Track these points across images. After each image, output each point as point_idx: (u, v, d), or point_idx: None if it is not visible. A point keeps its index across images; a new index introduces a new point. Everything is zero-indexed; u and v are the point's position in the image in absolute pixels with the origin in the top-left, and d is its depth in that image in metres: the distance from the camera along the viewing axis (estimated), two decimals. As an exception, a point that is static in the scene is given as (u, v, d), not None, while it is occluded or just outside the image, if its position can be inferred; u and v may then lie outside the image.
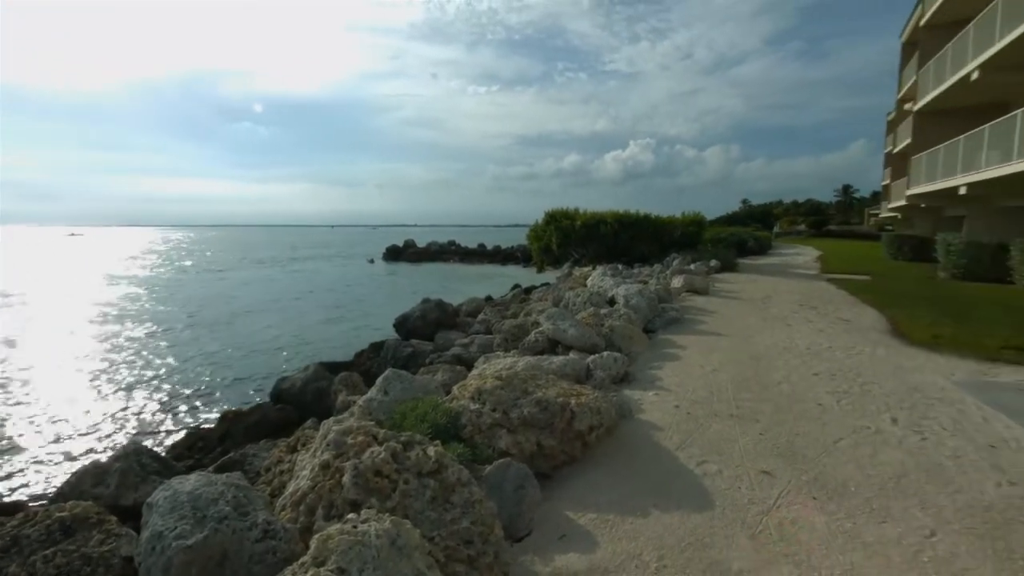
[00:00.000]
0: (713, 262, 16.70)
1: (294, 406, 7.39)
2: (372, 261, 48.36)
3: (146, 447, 4.55)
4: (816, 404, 4.55)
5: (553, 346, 6.23)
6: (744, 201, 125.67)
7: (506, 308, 12.60)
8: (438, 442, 2.76)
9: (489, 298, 16.62)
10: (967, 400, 4.66)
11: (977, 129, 13.13)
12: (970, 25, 14.48)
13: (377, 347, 10.39)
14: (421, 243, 55.94)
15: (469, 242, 60.50)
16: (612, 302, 8.81)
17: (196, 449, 6.40)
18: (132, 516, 2.92)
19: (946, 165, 15.36)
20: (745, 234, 29.30)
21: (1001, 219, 15.59)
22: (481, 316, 11.78)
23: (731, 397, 4.72)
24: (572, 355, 5.50)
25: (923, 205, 20.48)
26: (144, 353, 13.20)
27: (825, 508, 2.92)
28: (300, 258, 54.77)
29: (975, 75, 13.85)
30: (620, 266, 16.35)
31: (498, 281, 28.77)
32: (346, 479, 2.34)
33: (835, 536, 2.67)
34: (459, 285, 27.93)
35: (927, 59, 18.95)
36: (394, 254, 51.92)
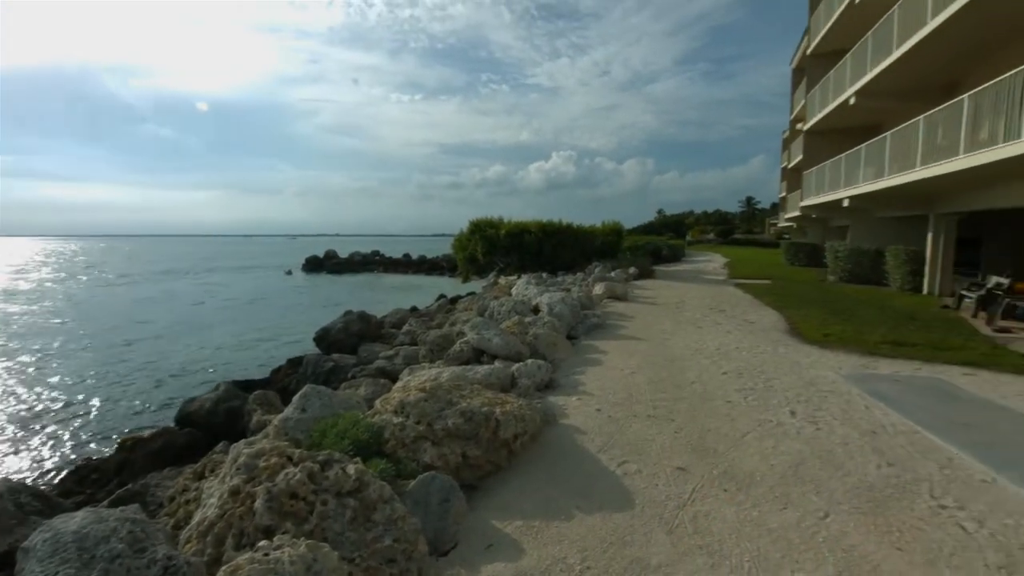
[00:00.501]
0: (632, 269, 17.43)
1: (203, 429, 6.89)
2: (290, 272, 46.20)
3: (24, 484, 4.06)
4: (725, 401, 4.86)
5: (479, 355, 6.23)
6: (659, 211, 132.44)
7: (431, 319, 12.46)
8: (359, 459, 2.68)
9: (414, 309, 16.36)
10: (853, 391, 5.16)
11: (856, 148, 14.68)
12: (847, 56, 16.21)
13: (296, 363, 9.92)
14: (343, 253, 54.19)
15: (394, 252, 59.38)
16: (536, 310, 8.95)
17: (89, 482, 5.80)
18: (7, 565, 2.59)
19: (831, 180, 17.03)
20: (660, 242, 30.85)
21: (879, 228, 17.48)
22: (406, 327, 11.56)
23: (649, 398, 4.94)
24: (497, 364, 5.53)
25: (814, 216, 22.53)
26: (32, 376, 11.81)
27: (734, 499, 3.12)
28: (212, 270, 51.31)
29: (852, 100, 15.51)
30: (544, 274, 16.66)
31: (423, 291, 28.41)
32: (258, 504, 2.21)
33: (743, 525, 2.85)
34: (384, 296, 27.31)
35: (813, 84, 20.99)
36: (314, 265, 49.91)
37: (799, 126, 25.13)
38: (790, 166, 31.57)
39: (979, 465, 3.55)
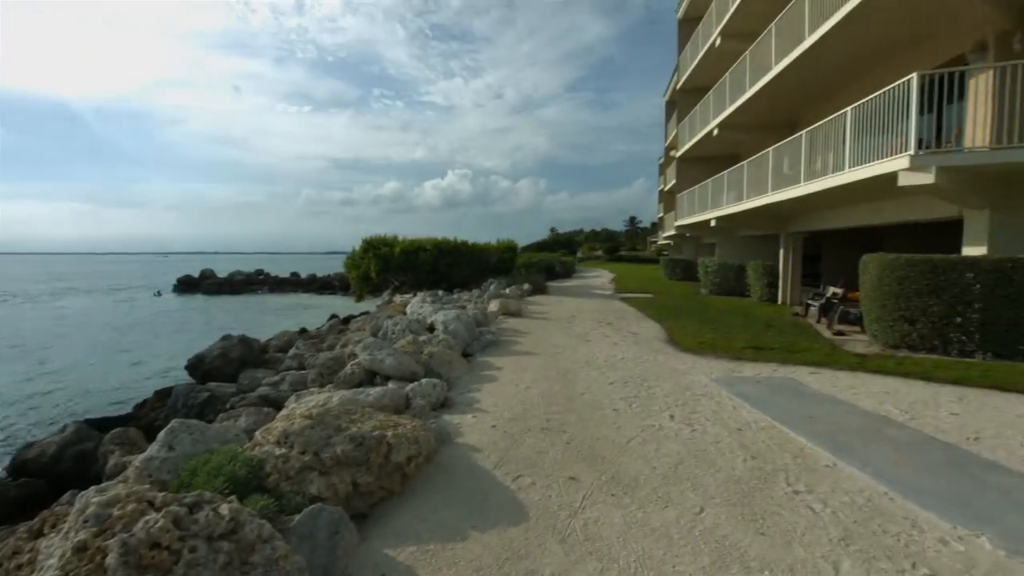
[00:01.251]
0: (526, 286, 17.89)
1: (46, 478, 5.95)
2: (159, 294, 41.66)
3: None
4: (612, 410, 5.12)
5: (371, 377, 6.03)
6: (552, 229, 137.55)
7: (322, 340, 11.86)
8: (234, 497, 2.47)
9: (303, 331, 15.47)
10: (722, 394, 5.68)
11: (720, 174, 16.39)
12: (710, 93, 18.13)
13: (164, 395, 8.92)
14: (223, 272, 49.95)
15: (281, 271, 55.83)
16: (431, 328, 8.87)
17: None
18: None
19: (701, 202, 18.82)
20: (553, 259, 32.04)
21: (741, 246, 19.55)
22: (293, 351, 10.88)
23: (542, 412, 5.07)
24: (391, 385, 5.39)
25: (688, 234, 24.71)
26: None
27: (621, 502, 3.28)
28: (65, 291, 44.74)
29: (715, 132, 17.35)
30: (440, 292, 16.58)
31: (314, 312, 26.98)
32: (111, 560, 1.95)
33: (630, 527, 3.01)
34: (269, 318, 25.53)
35: (683, 116, 23.18)
36: (188, 286, 45.48)
37: (672, 153, 27.53)
38: (666, 189, 34.41)
39: (824, 452, 4.05)
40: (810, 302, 11.68)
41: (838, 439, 4.31)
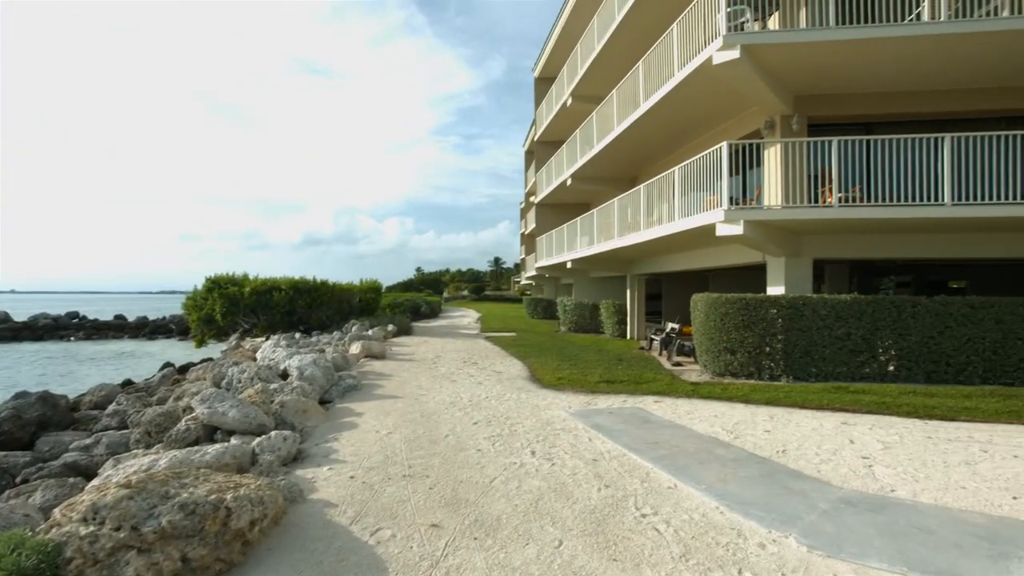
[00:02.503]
0: (391, 327, 17.44)
1: None
2: (-82, 346, 33.27)
3: None
4: (476, 450, 5.13)
5: (211, 433, 5.39)
6: (418, 269, 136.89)
7: (151, 393, 10.34)
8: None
9: (128, 383, 13.39)
10: (579, 426, 5.99)
11: (573, 220, 17.75)
12: (563, 146, 19.74)
13: (-81, 474, 7.04)
14: (20, 315, 41.58)
15: (103, 313, 48.04)
16: (285, 375, 8.22)
17: None
18: None
19: (558, 245, 20.13)
20: (419, 299, 31.75)
21: (595, 286, 21.14)
22: (113, 407, 9.31)
23: (404, 458, 4.91)
24: (234, 441, 4.85)
25: (547, 275, 26.12)
26: None
27: (484, 545, 3.26)
28: None
29: (569, 182, 18.84)
30: (297, 335, 15.49)
31: (144, 360, 23.57)
32: None
33: (492, 569, 2.99)
34: (86, 369, 21.68)
35: (540, 165, 24.84)
36: (-36, 334, 36.98)
37: (532, 198, 29.21)
38: (527, 232, 36.21)
39: (666, 475, 4.44)
40: (653, 337, 12.91)
41: (678, 461, 4.75)
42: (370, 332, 14.91)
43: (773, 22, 10.01)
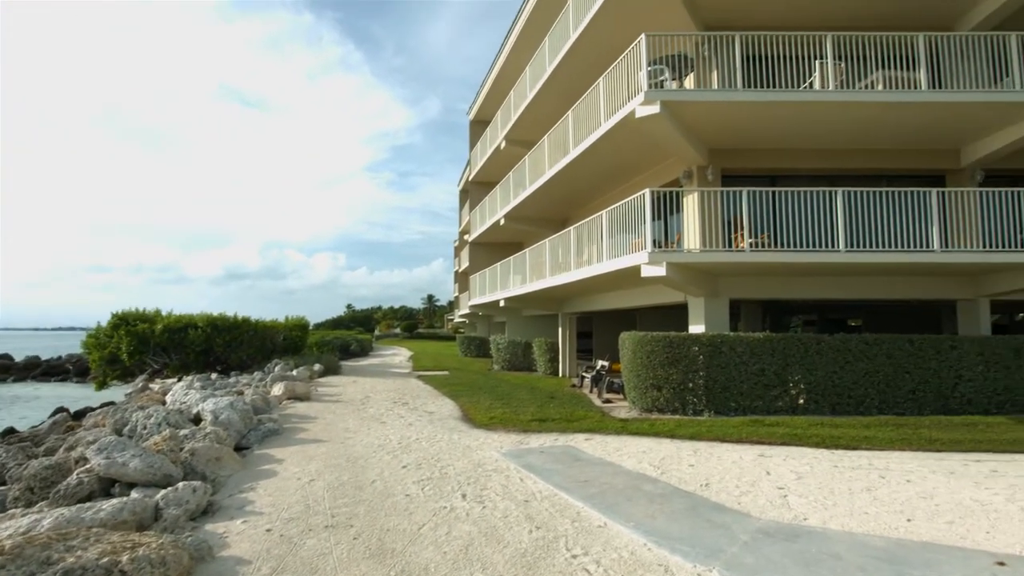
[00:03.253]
0: (317, 366, 16.71)
1: None
2: None
3: None
4: (405, 495, 4.95)
5: (108, 487, 4.87)
6: (349, 306, 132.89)
7: (37, 443, 9.23)
8: None
9: (10, 431, 11.94)
10: (511, 467, 5.93)
11: (507, 259, 18.01)
12: (497, 187, 20.18)
13: None
14: None
15: (-22, 353, 42.75)
16: (198, 420, 7.64)
17: None
18: None
19: (491, 284, 20.28)
20: (349, 337, 30.71)
21: (528, 324, 21.35)
22: (-14, 461, 8.21)
23: (327, 507, 4.65)
24: (134, 495, 4.42)
25: (480, 313, 26.15)
26: None
27: (410, 597, 3.12)
28: None
29: (502, 222, 19.19)
30: (214, 375, 14.50)
31: (33, 405, 21.15)
32: None
33: (418, 622, 2.86)
34: (-51, 419, 19.03)
35: (475, 205, 25.20)
36: None
37: (466, 237, 29.43)
38: (460, 270, 36.27)
39: (596, 514, 4.46)
40: (584, 374, 13.14)
41: (608, 499, 4.80)
42: (295, 372, 14.21)
43: (689, 82, 10.89)
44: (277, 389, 11.30)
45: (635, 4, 10.69)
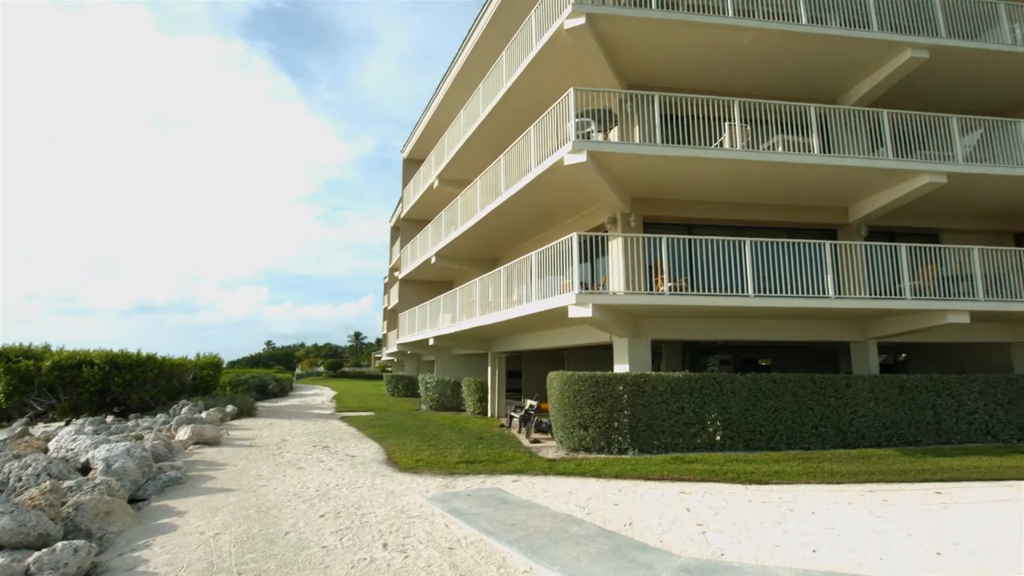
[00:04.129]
0: (230, 408, 15.59)
1: None
2: None
3: None
4: (321, 547, 4.66)
5: (-33, 551, 4.24)
6: (268, 343, 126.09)
7: None
8: None
9: None
10: (436, 512, 5.76)
11: (437, 297, 17.90)
12: (429, 225, 20.22)
13: None
14: None
15: None
16: (87, 469, 6.88)
17: None
18: None
19: (420, 322, 20.01)
20: (267, 376, 28.99)
21: (457, 363, 21.13)
22: None
23: (233, 563, 4.29)
24: (0, 560, 3.87)
25: (409, 351, 25.57)
26: None
27: (322, 659, 2.92)
28: None
29: (433, 260, 19.16)
30: (111, 419, 13.16)
31: None
32: None
33: None
34: None
35: (406, 242, 25.03)
36: None
37: (396, 274, 29.05)
38: (390, 307, 35.58)
39: (522, 558, 4.40)
40: (513, 414, 13.10)
41: (534, 542, 4.75)
42: (204, 414, 13.18)
43: (614, 135, 11.59)
44: (183, 433, 10.42)
45: (565, 60, 11.35)
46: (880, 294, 10.10)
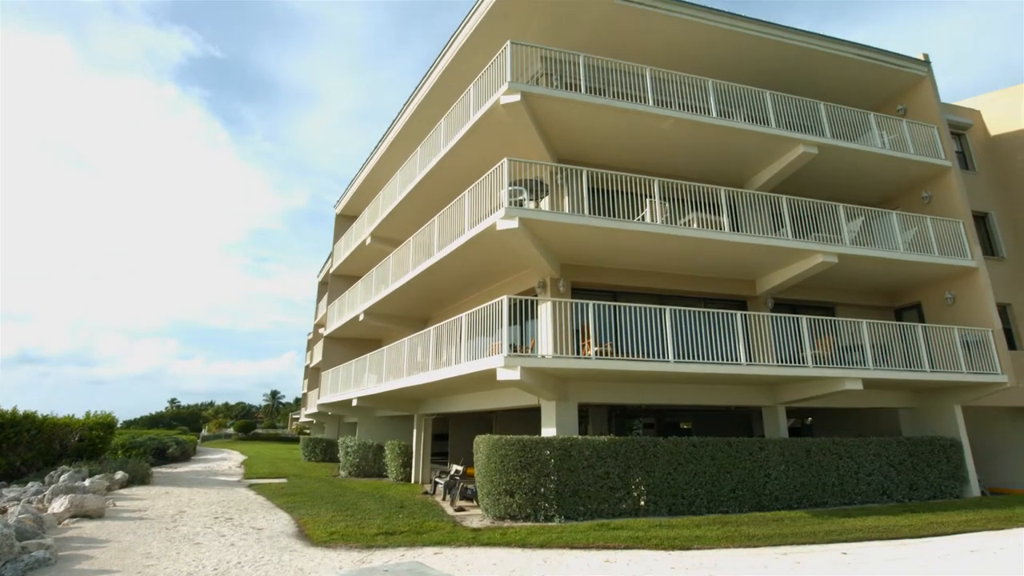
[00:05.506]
0: (120, 474, 13.97)
1: None
2: None
3: None
4: (215, 636, 4.18)
5: None
6: (172, 400, 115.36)
7: None
8: None
9: None
10: (349, 591, 5.34)
11: (363, 356, 17.32)
12: (359, 282, 19.86)
13: None
14: None
15: None
16: (-70, 552, 5.85)
17: None
18: None
19: (344, 381, 19.18)
20: (168, 438, 26.33)
21: (381, 426, 20.25)
22: None
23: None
24: None
25: (330, 412, 24.28)
26: None
27: None
28: None
29: (361, 317, 18.68)
30: (-36, 491, 11.34)
31: None
32: None
33: None
34: None
35: (334, 298, 24.35)
36: None
37: (321, 330, 27.95)
38: (312, 365, 33.93)
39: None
40: (437, 480, 12.62)
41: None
42: (88, 482, 11.71)
43: (545, 204, 12.14)
44: (58, 504, 9.18)
45: (500, 132, 11.93)
46: (786, 362, 10.87)
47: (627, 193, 11.42)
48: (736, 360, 10.36)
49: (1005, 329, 14.19)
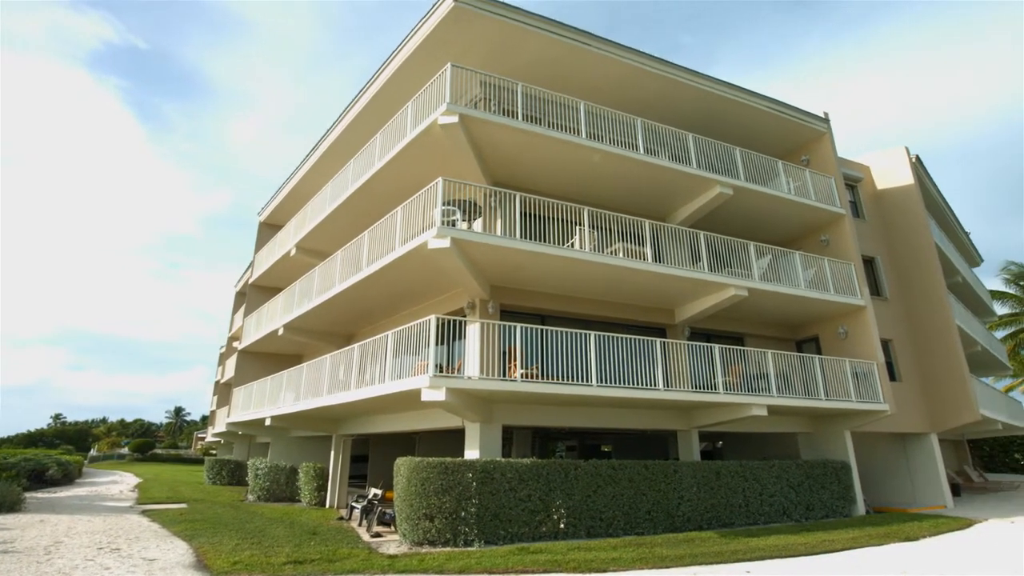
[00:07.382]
0: (-16, 502, 12.34)
1: None
2: None
3: None
4: None
5: None
6: (57, 416, 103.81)
7: None
8: None
9: None
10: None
11: (279, 373, 16.47)
12: (280, 294, 18.95)
13: None
14: None
15: None
16: None
17: None
18: None
19: (258, 398, 18.10)
20: (48, 459, 23.59)
21: (296, 447, 19.24)
22: None
23: None
24: None
25: (240, 432, 22.77)
26: None
27: None
28: None
29: (281, 331, 17.80)
30: None
31: None
32: None
33: None
34: None
35: (252, 310, 23.04)
36: None
37: (236, 344, 26.33)
38: (223, 380, 31.83)
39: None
40: (354, 504, 12.12)
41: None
42: (-58, 512, 10.25)
43: (478, 225, 12.23)
44: (-97, 539, 7.96)
45: (436, 151, 11.95)
46: (700, 388, 11.47)
47: (558, 220, 11.75)
48: (655, 385, 10.80)
49: (887, 362, 15.74)
